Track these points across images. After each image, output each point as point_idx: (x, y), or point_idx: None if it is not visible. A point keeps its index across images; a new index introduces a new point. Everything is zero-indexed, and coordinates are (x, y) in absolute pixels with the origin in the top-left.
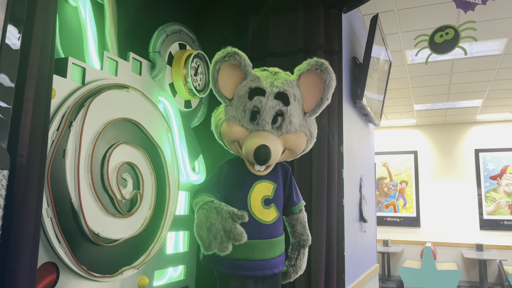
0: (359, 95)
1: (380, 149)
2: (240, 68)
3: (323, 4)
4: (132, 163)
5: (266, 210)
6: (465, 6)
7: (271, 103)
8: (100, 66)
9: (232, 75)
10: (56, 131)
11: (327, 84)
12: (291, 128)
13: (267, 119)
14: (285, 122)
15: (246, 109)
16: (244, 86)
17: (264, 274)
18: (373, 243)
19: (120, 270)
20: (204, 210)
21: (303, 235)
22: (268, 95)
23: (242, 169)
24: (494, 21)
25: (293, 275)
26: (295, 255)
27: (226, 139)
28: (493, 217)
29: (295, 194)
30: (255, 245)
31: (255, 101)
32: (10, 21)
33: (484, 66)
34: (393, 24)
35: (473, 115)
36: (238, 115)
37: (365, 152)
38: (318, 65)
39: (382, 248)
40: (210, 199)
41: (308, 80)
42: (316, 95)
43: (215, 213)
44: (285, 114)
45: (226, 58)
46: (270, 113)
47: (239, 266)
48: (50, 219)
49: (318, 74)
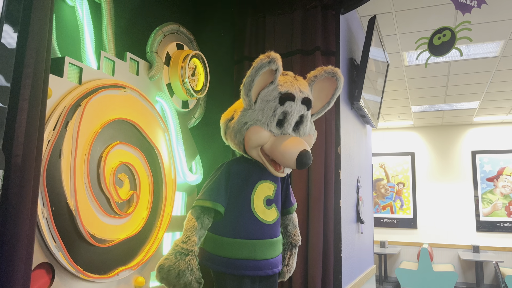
0: (357, 96)
1: (377, 150)
2: (273, 73)
3: (321, 5)
4: (128, 163)
5: (268, 210)
6: (463, 8)
7: (299, 107)
8: (97, 66)
9: (264, 81)
10: (52, 131)
11: (338, 90)
12: (306, 131)
13: (292, 123)
14: (303, 126)
15: (277, 114)
16: (273, 91)
17: (265, 274)
18: (370, 245)
19: (116, 270)
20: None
21: (295, 235)
22: (297, 100)
23: (246, 169)
24: (491, 23)
25: (287, 274)
26: (287, 255)
27: (253, 143)
28: (490, 219)
29: (291, 195)
30: (257, 245)
31: (286, 107)
32: (6, 20)
33: (481, 68)
34: (390, 25)
35: (470, 117)
36: (267, 119)
37: (362, 153)
38: (334, 73)
39: (379, 250)
40: (190, 247)
41: (320, 85)
42: (322, 99)
43: (175, 275)
44: (305, 118)
45: (270, 63)
46: (295, 117)
47: (241, 266)
48: (45, 220)
49: (330, 80)
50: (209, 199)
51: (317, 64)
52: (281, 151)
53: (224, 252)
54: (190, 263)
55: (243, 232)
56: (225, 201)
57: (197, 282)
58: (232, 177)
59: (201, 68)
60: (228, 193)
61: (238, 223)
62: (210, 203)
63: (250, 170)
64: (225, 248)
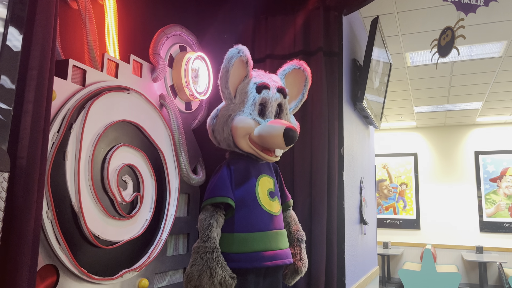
0: (360, 97)
1: (380, 151)
2: (245, 66)
3: (323, 6)
4: (132, 165)
5: (273, 202)
6: (466, 8)
7: (276, 95)
8: (101, 68)
9: (238, 73)
10: (56, 133)
11: (307, 81)
12: (286, 119)
13: (272, 111)
14: (283, 114)
15: (256, 102)
16: (248, 83)
17: (283, 263)
18: (373, 245)
19: (120, 272)
20: (199, 264)
21: (299, 231)
22: (272, 88)
23: (244, 165)
24: (494, 24)
25: (303, 268)
26: (298, 250)
27: (240, 132)
28: (493, 220)
29: (285, 189)
30: (270, 235)
31: (264, 94)
32: (11, 22)
33: (484, 69)
34: (393, 26)
35: (473, 117)
36: (248, 109)
37: (365, 154)
38: (299, 65)
39: (382, 250)
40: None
41: (291, 79)
42: (296, 93)
43: (208, 277)
44: (283, 106)
45: (239, 53)
46: (275, 105)
47: (259, 258)
48: (50, 221)
49: (299, 73)
50: (219, 195)
51: (320, 65)
52: (268, 131)
53: (242, 248)
54: (218, 259)
55: (256, 225)
56: (233, 195)
57: (231, 278)
58: (233, 173)
59: (204, 70)
60: (233, 189)
61: (249, 216)
62: (220, 198)
63: (248, 165)
64: (242, 243)
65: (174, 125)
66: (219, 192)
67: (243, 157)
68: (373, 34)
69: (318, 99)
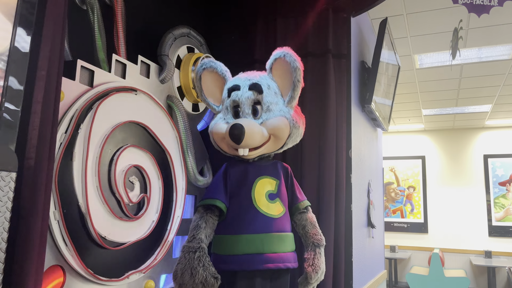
0: (368, 99)
1: (388, 154)
2: (217, 75)
3: (332, 8)
4: (139, 166)
5: (271, 204)
6: (479, 9)
7: (246, 94)
8: (109, 68)
9: (215, 83)
10: (64, 134)
11: (293, 67)
12: (271, 115)
13: (246, 110)
14: (264, 110)
15: (228, 105)
16: (225, 90)
17: (277, 267)
18: (380, 249)
19: (127, 273)
20: (182, 262)
21: (316, 235)
22: (243, 87)
23: (242, 168)
24: (504, 26)
25: (313, 275)
26: (311, 255)
27: (216, 137)
28: (502, 224)
29: (298, 191)
30: (264, 238)
31: (233, 96)
32: (20, 23)
33: (493, 71)
34: (402, 28)
35: (482, 121)
36: (224, 114)
37: (373, 157)
38: (281, 52)
39: (389, 254)
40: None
41: (278, 71)
42: (287, 84)
43: (189, 275)
44: (262, 101)
45: (203, 66)
46: (248, 103)
47: (249, 261)
48: (57, 222)
49: (284, 61)
50: (208, 197)
51: (328, 67)
52: (219, 132)
53: (233, 250)
54: (200, 259)
55: (249, 227)
56: (225, 198)
57: (213, 278)
58: (229, 176)
59: None
60: (228, 191)
61: (241, 218)
62: (209, 200)
63: (247, 168)
64: (232, 245)
65: (181, 126)
66: (209, 194)
67: (244, 160)
68: (381, 36)
69: (326, 101)
